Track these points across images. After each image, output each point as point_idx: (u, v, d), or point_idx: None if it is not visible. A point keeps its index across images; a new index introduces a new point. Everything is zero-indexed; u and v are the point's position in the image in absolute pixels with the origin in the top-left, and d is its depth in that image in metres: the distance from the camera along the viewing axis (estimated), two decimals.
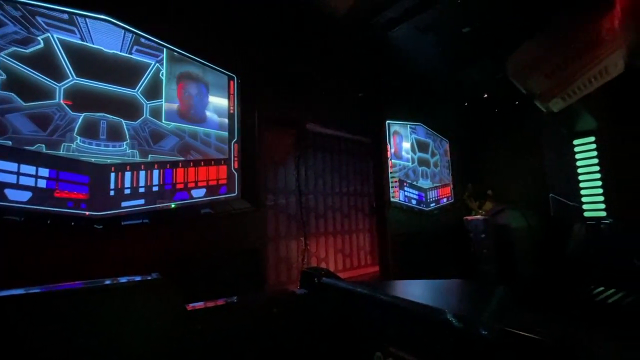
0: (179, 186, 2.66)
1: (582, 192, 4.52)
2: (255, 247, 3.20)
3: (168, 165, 2.62)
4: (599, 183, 4.36)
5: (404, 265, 4.63)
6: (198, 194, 2.78)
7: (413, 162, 5.23)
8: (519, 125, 5.37)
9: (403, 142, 5.15)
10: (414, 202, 5.05)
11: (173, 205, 2.61)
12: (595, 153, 4.40)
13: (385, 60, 4.13)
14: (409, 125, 5.28)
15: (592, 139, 4.41)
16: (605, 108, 4.15)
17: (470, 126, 6.00)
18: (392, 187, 4.81)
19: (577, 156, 4.53)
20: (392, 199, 4.79)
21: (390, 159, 4.86)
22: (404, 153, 5.12)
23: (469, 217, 5.32)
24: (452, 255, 5.34)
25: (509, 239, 5.07)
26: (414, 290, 1.26)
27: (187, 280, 2.46)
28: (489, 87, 4.94)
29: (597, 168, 4.38)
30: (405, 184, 4.99)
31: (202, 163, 2.83)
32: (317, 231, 4.22)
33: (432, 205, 5.37)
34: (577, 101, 3.70)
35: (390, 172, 4.82)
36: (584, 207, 4.51)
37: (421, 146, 5.46)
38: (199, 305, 1.06)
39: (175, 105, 2.74)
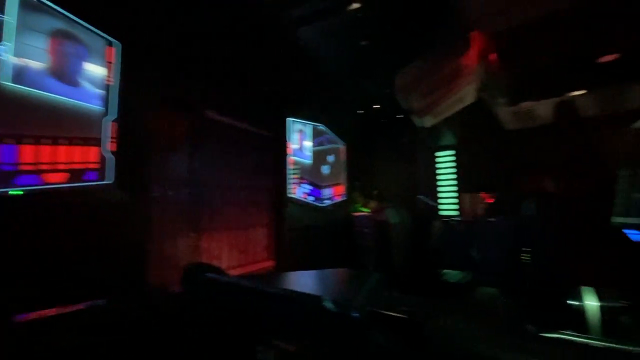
0: (25, 168, 2.10)
1: (441, 194, 5.56)
2: (135, 243, 2.80)
3: (7, 140, 2.04)
4: (454, 188, 5.44)
5: (299, 259, 4.80)
6: (55, 179, 2.26)
7: (312, 160, 5.47)
8: (400, 136, 6.22)
9: (304, 140, 5.33)
10: (310, 198, 5.29)
11: (15, 192, 2.05)
12: (453, 164, 5.47)
13: (294, 58, 4.19)
14: (311, 125, 5.49)
15: (452, 152, 5.46)
16: (462, 128, 5.20)
17: (363, 132, 6.64)
18: (291, 183, 4.93)
19: (439, 165, 5.55)
20: (290, 195, 4.90)
21: (291, 156, 4.97)
22: (304, 151, 5.30)
23: (357, 214, 5.89)
24: (343, 247, 5.83)
25: (387, 233, 5.83)
26: (300, 280, 1.31)
27: (42, 284, 1.98)
28: (379, 99, 5.57)
29: (454, 176, 5.46)
30: (303, 180, 5.18)
31: (62, 141, 2.31)
32: (210, 226, 3.98)
33: (327, 201, 5.73)
34: (443, 120, 4.53)
35: (290, 169, 4.93)
36: (441, 207, 5.56)
37: (321, 146, 5.75)
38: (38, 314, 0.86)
39: (29, 63, 2.15)
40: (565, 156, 3.68)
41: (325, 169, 5.80)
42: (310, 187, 5.31)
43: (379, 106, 5.82)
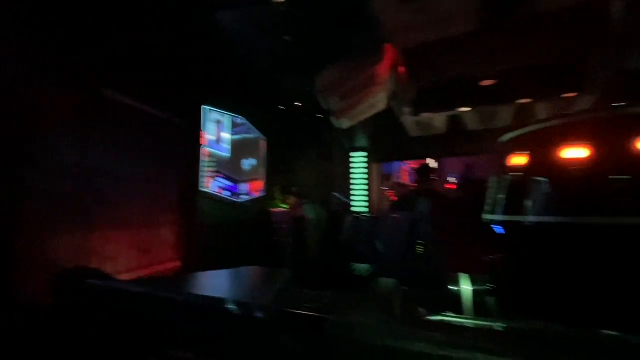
0: None
1: (354, 192, 5.95)
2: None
3: None
4: (365, 187, 5.87)
5: (211, 258, 4.53)
6: None
7: (230, 153, 5.22)
8: (319, 135, 6.42)
9: (222, 131, 5.05)
10: (226, 193, 5.05)
11: None
12: (365, 165, 5.89)
13: (215, 44, 3.91)
14: (230, 116, 5.22)
15: (365, 154, 5.88)
16: (374, 132, 5.64)
17: (284, 129, 6.64)
18: (205, 176, 4.62)
19: (353, 165, 5.92)
20: (203, 189, 4.58)
21: (206, 147, 4.65)
22: (221, 143, 5.02)
23: (275, 210, 5.87)
24: (260, 244, 5.72)
25: (304, 229, 5.96)
26: (205, 281, 1.22)
27: None
28: (301, 97, 5.64)
29: (365, 175, 5.88)
30: (219, 174, 4.90)
31: None
32: (104, 223, 3.43)
33: (244, 197, 5.55)
34: (358, 123, 4.83)
35: (205, 161, 4.60)
36: (354, 204, 5.95)
37: (240, 139, 5.53)
38: None
39: None
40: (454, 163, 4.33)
41: (243, 164, 5.61)
42: (226, 182, 5.07)
43: (300, 104, 5.89)
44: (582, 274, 0.74)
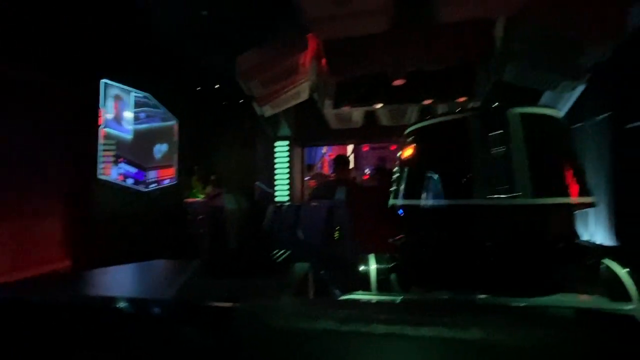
0: None
1: (276, 182, 5.92)
2: None
3: None
4: (287, 176, 5.89)
5: (112, 255, 3.97)
6: None
7: (134, 135, 4.62)
8: (242, 121, 6.17)
9: (124, 110, 4.42)
10: (130, 181, 4.47)
11: None
12: (287, 154, 5.89)
13: (118, 11, 3.34)
14: (134, 93, 4.60)
15: (287, 143, 5.87)
16: (296, 121, 5.67)
17: (200, 112, 6.17)
18: (104, 161, 4.00)
19: (276, 155, 5.87)
20: (101, 176, 3.97)
21: (104, 127, 4.01)
22: (123, 123, 4.40)
23: (189, 200, 5.46)
24: (171, 236, 5.25)
25: (224, 220, 5.70)
26: (106, 279, 1.06)
27: None
28: (221, 79, 5.29)
29: (287, 165, 5.89)
30: (120, 159, 4.30)
31: None
32: None
33: (152, 185, 5.00)
34: (282, 111, 4.78)
35: (102, 143, 3.98)
36: (277, 193, 5.93)
37: (147, 118, 4.93)
38: None
39: None
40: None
41: (151, 148, 5.03)
42: (130, 168, 4.48)
43: (219, 86, 5.54)
44: (461, 249, 0.89)
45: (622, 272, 0.94)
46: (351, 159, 14.04)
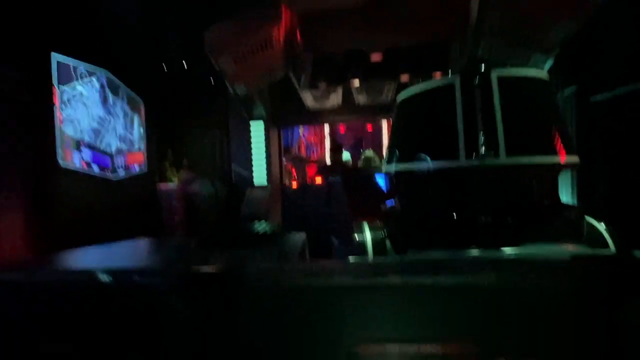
0: None
1: (254, 165, 5.77)
2: None
3: None
4: (264, 158, 5.74)
5: (80, 246, 3.73)
6: None
7: (96, 117, 4.29)
8: (213, 101, 5.88)
9: (83, 89, 4.07)
10: (95, 168, 4.18)
11: None
12: (263, 135, 5.73)
13: None
14: (94, 70, 4.23)
15: (262, 123, 5.69)
16: (271, 101, 5.49)
17: (170, 92, 5.81)
18: (63, 147, 3.69)
19: (252, 136, 5.69)
20: (62, 163, 3.67)
21: (61, 109, 3.68)
22: (85, 104, 4.06)
23: (162, 186, 5.22)
24: (144, 225, 5.03)
25: (199, 205, 5.52)
26: (84, 257, 1.03)
27: None
28: (190, 56, 4.98)
29: (264, 146, 5.74)
30: (82, 144, 4.00)
31: None
32: None
33: (120, 173, 4.72)
34: (255, 91, 4.59)
35: (60, 126, 3.66)
36: (254, 176, 5.79)
37: (109, 99, 4.58)
38: None
39: None
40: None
41: (116, 131, 4.70)
42: (94, 153, 4.18)
43: (188, 63, 5.22)
44: (452, 209, 0.92)
45: (601, 227, 1.13)
46: (327, 141, 14.00)
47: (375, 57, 3.73)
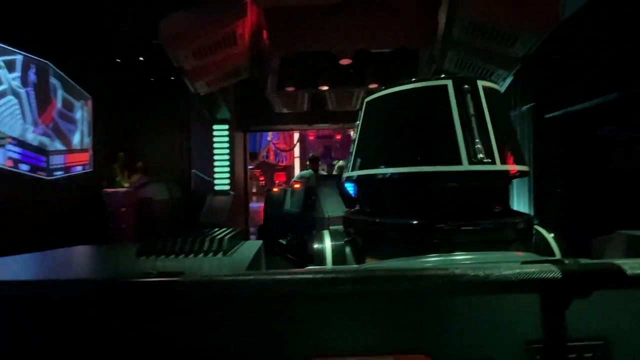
0: None
1: (216, 170, 5.41)
2: None
3: None
4: (227, 163, 5.41)
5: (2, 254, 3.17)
6: None
7: (29, 110, 3.76)
8: (172, 100, 5.48)
9: (15, 80, 3.55)
10: (24, 167, 3.64)
11: None
12: (227, 139, 5.40)
13: None
14: (29, 59, 3.72)
15: (226, 126, 5.37)
16: (237, 103, 5.21)
17: (122, 88, 5.33)
18: None
19: (215, 140, 5.34)
20: None
21: None
22: (14, 95, 3.54)
23: (109, 190, 4.71)
24: (85, 233, 4.47)
25: (152, 212, 5.05)
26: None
27: None
28: (146, 50, 4.59)
29: (228, 151, 5.41)
30: (8, 140, 3.46)
31: None
32: None
33: (57, 173, 4.17)
34: (219, 91, 4.30)
35: None
36: (216, 181, 5.43)
37: (49, 93, 4.06)
38: None
39: None
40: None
41: (54, 127, 4.17)
42: (23, 151, 3.65)
43: (143, 59, 4.82)
44: (412, 215, 0.95)
45: (549, 236, 1.19)
46: (297, 148, 13.84)
47: (345, 61, 3.63)
